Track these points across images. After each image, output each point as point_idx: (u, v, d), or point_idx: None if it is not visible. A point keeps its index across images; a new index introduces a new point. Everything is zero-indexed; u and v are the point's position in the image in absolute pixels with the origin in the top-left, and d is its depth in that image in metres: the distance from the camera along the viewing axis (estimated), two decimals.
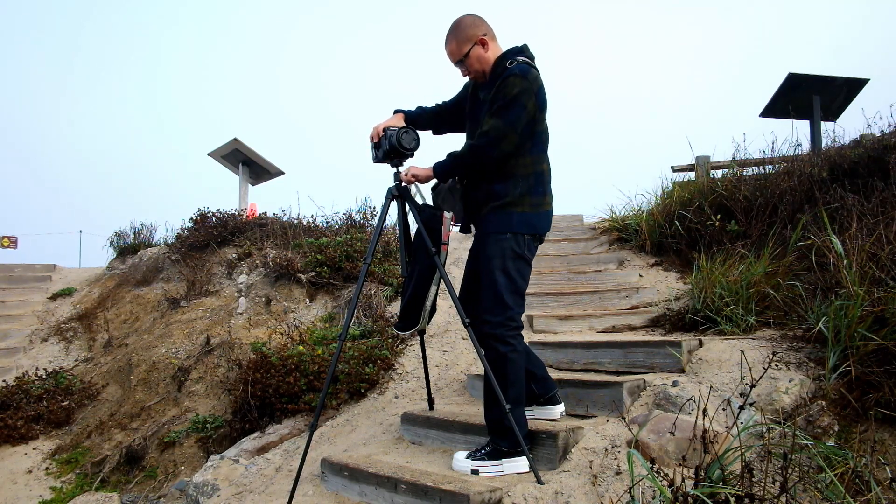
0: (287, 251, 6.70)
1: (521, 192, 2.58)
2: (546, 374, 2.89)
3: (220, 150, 9.03)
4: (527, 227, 2.60)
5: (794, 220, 4.46)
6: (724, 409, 2.55)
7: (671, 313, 4.22)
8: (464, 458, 2.60)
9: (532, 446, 2.53)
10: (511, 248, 2.57)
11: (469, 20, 2.66)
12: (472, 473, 2.53)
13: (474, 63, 2.65)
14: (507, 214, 2.58)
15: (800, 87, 6.72)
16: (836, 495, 1.95)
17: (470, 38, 2.63)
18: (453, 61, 2.71)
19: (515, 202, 2.58)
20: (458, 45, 2.65)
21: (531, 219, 2.60)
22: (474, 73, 2.71)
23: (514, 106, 2.47)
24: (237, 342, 5.40)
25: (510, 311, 2.56)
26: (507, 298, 2.55)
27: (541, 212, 2.63)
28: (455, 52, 2.67)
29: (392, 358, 4.36)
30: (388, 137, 2.80)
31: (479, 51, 2.63)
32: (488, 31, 2.66)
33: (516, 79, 2.48)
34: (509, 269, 2.56)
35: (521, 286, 2.61)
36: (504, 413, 2.45)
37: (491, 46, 2.65)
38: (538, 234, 2.66)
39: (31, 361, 6.56)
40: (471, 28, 2.64)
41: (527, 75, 2.50)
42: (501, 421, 2.51)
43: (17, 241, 11.66)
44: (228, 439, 4.35)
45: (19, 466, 4.86)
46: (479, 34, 2.63)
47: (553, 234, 6.56)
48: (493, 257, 2.58)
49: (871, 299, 2.78)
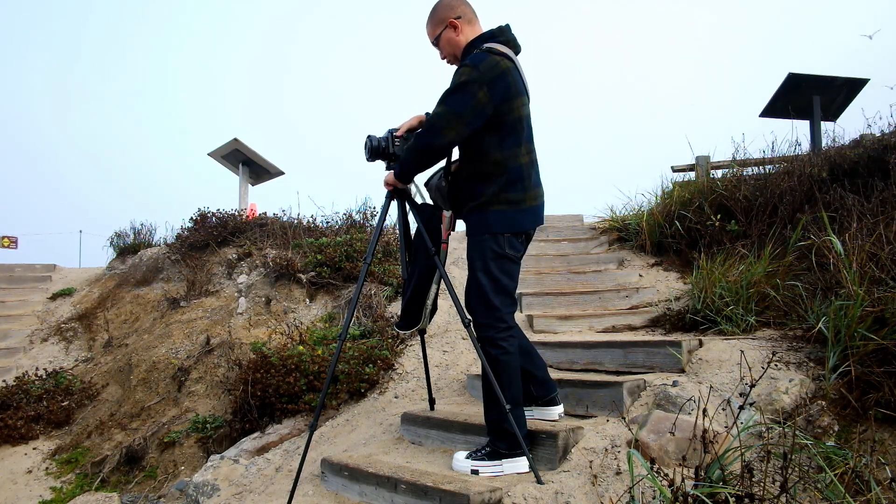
0: (287, 251, 6.70)
1: (497, 189, 2.49)
2: (546, 376, 2.83)
3: (220, 150, 9.03)
4: (505, 226, 2.50)
5: (794, 220, 4.46)
6: (724, 409, 2.55)
7: (671, 313, 4.23)
8: (464, 459, 2.59)
9: (532, 446, 2.53)
10: (491, 249, 2.50)
11: (444, 3, 2.59)
12: (473, 474, 2.52)
13: (445, 46, 2.61)
14: (483, 214, 2.52)
15: (800, 87, 6.72)
16: (836, 495, 1.95)
17: (443, 19, 2.58)
18: (431, 43, 2.68)
19: (491, 201, 2.49)
20: (432, 27, 2.62)
21: (511, 216, 2.50)
22: (447, 57, 2.66)
23: (459, 93, 2.38)
24: (237, 342, 5.40)
25: (497, 311, 2.50)
26: (493, 299, 2.49)
27: (523, 208, 2.52)
28: (430, 34, 2.65)
29: (392, 358, 4.36)
30: (381, 138, 2.78)
31: (449, 34, 2.57)
32: (464, 13, 2.57)
33: (465, 68, 2.40)
34: (491, 269, 2.50)
35: (507, 285, 2.53)
36: (503, 414, 2.42)
37: (463, 30, 2.56)
38: (521, 231, 2.55)
39: (31, 361, 6.57)
40: (444, 10, 2.58)
41: (479, 64, 2.38)
42: (500, 422, 2.49)
43: (18, 241, 11.67)
44: (228, 439, 4.36)
45: (19, 466, 4.86)
46: (452, 17, 2.56)
47: (553, 234, 6.56)
48: (475, 259, 2.54)
49: (871, 299, 2.78)
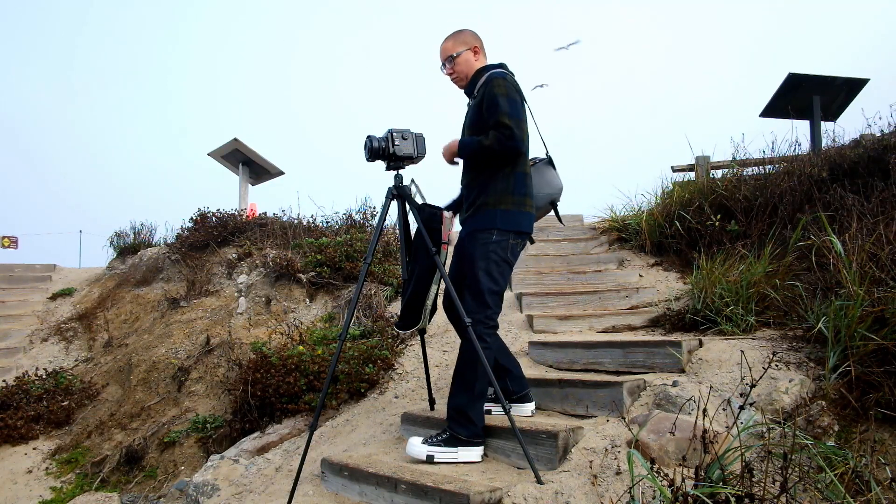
0: (287, 251, 6.71)
1: (504, 190, 2.74)
2: (521, 373, 3.04)
3: (220, 150, 9.03)
4: (511, 224, 2.73)
5: (794, 220, 4.46)
6: (724, 409, 2.55)
7: (671, 313, 4.22)
8: (420, 444, 2.75)
9: (532, 446, 2.54)
10: (496, 252, 2.72)
11: (470, 32, 2.97)
12: (428, 459, 2.68)
13: (461, 64, 2.92)
14: (490, 213, 2.74)
15: (800, 87, 6.72)
16: (836, 495, 1.95)
17: (466, 42, 2.93)
18: (443, 57, 2.95)
19: (498, 201, 2.73)
20: (454, 44, 2.93)
21: (515, 216, 2.74)
22: (457, 75, 2.95)
23: (511, 101, 2.69)
24: (237, 342, 5.41)
25: (489, 310, 2.74)
26: (488, 299, 2.73)
27: (524, 211, 2.77)
28: (449, 49, 2.94)
29: (392, 358, 4.36)
30: (381, 139, 2.84)
31: (469, 55, 2.92)
32: (482, 47, 2.96)
33: (499, 80, 2.74)
34: (493, 272, 2.73)
35: (502, 288, 2.79)
36: (471, 401, 2.68)
37: (479, 58, 2.95)
38: (522, 231, 2.77)
39: (31, 361, 6.57)
40: (470, 36, 2.95)
41: (507, 77, 2.78)
42: (464, 410, 2.70)
43: (18, 241, 11.65)
44: (228, 439, 4.35)
45: (19, 466, 4.86)
46: (475, 43, 2.94)
47: (553, 234, 6.56)
48: (478, 259, 2.73)
49: (871, 299, 2.78)
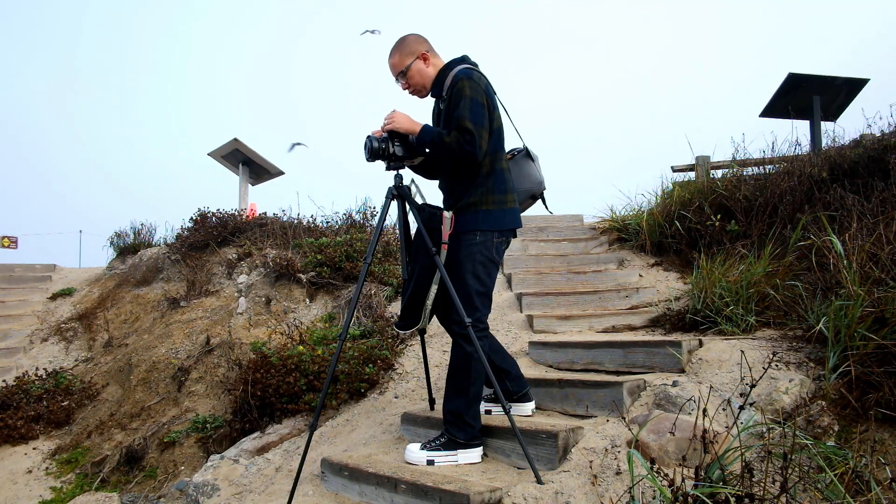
0: (287, 251, 6.71)
1: (484, 190, 2.69)
2: (519, 373, 3.01)
3: (220, 150, 9.03)
4: (493, 224, 2.70)
5: (794, 220, 4.46)
6: (724, 409, 2.55)
7: (671, 313, 4.22)
8: (418, 450, 2.72)
9: (532, 446, 2.54)
10: (480, 252, 2.68)
11: (412, 38, 2.82)
12: (428, 464, 2.66)
13: (415, 76, 2.79)
14: (472, 214, 2.70)
15: (800, 87, 6.72)
16: (836, 495, 1.95)
17: (413, 52, 2.79)
18: (394, 74, 2.83)
19: (479, 201, 2.69)
20: (400, 58, 2.80)
21: (497, 216, 2.70)
22: (413, 87, 2.83)
23: (475, 104, 2.59)
24: (237, 342, 5.40)
25: (478, 312, 2.70)
26: (476, 301, 2.70)
27: (505, 208, 2.73)
28: (397, 65, 2.80)
29: (392, 358, 4.36)
30: (381, 139, 2.78)
31: (420, 65, 2.79)
32: (430, 48, 2.82)
33: (464, 80, 2.63)
34: (479, 273, 2.70)
35: (489, 288, 2.76)
36: (467, 405, 2.65)
37: (432, 62, 2.81)
38: (506, 229, 2.75)
39: (31, 361, 6.57)
40: (414, 44, 2.80)
41: (472, 76, 2.66)
42: (460, 413, 2.67)
43: (18, 241, 11.64)
44: (228, 439, 4.35)
45: (19, 466, 4.86)
46: (422, 50, 2.79)
47: (553, 234, 6.56)
48: (464, 261, 2.70)
49: (871, 299, 2.78)
